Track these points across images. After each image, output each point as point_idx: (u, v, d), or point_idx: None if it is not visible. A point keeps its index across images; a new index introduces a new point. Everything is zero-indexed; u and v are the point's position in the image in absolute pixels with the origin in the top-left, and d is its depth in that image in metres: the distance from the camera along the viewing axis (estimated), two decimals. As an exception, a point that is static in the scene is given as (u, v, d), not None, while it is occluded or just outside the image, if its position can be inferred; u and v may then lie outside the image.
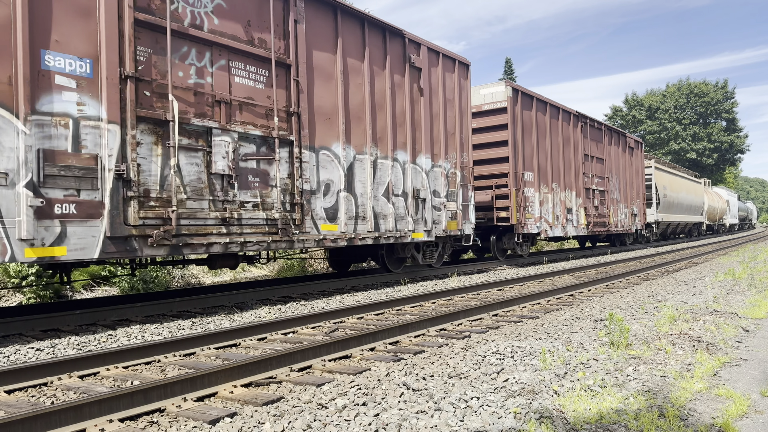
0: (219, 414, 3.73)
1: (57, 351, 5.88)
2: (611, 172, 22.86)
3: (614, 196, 22.97)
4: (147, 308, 7.96)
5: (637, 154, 26.36)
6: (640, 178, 26.51)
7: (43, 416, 3.38)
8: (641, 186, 26.53)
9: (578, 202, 19.70)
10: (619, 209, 23.43)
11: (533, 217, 16.74)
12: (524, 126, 16.74)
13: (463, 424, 3.33)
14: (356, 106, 10.59)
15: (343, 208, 10.07)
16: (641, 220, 26.25)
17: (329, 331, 6.78)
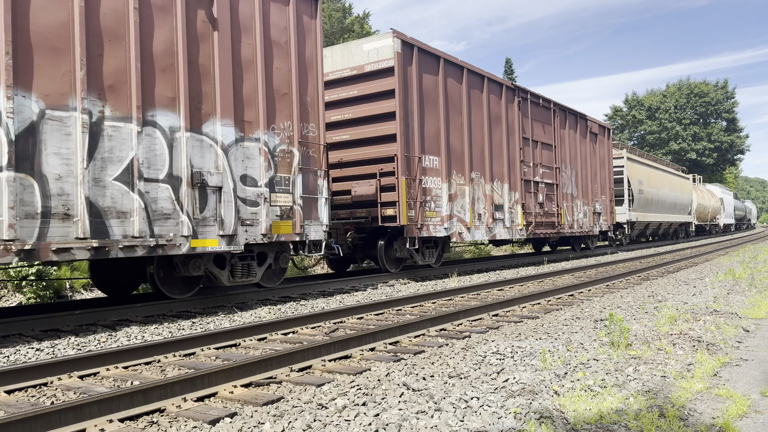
0: (219, 414, 3.73)
1: (57, 351, 5.88)
2: (565, 161, 18.83)
3: (569, 191, 18.93)
4: (147, 308, 7.95)
5: (602, 142, 22.09)
6: (607, 170, 22.39)
7: (43, 416, 3.38)
8: (608, 180, 22.39)
9: (513, 198, 15.62)
10: (575, 207, 19.37)
11: (439, 216, 12.67)
12: (424, 94, 12.53)
13: (463, 424, 3.33)
14: (41, 22, 6.46)
15: (4, 200, 6.08)
16: (608, 220, 22.19)
17: (329, 331, 6.78)
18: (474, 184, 14.06)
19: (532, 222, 16.54)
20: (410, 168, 12.05)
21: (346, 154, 12.88)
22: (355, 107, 12.62)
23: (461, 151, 13.71)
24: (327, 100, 12.32)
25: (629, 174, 25.69)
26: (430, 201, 12.57)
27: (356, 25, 29.37)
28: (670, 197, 31.77)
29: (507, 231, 15.36)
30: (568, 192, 19.03)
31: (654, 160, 33.02)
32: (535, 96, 17.29)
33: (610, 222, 22.32)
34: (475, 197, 14.08)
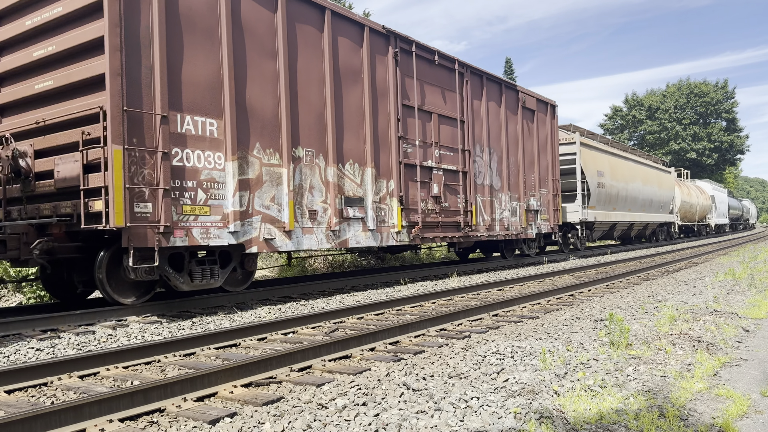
0: (219, 414, 3.73)
1: (57, 351, 5.88)
2: (481, 143, 14.29)
3: (486, 182, 14.41)
4: (147, 308, 7.95)
5: (543, 122, 17.46)
6: (550, 157, 17.82)
7: (43, 416, 3.38)
8: (552, 170, 17.91)
9: (384, 188, 11.22)
10: (498, 203, 14.87)
11: (218, 214, 8.20)
12: (182, 15, 7.96)
13: (463, 424, 3.33)
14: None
15: None
16: (551, 220, 17.71)
17: (329, 331, 6.78)
18: (301, 166, 9.56)
19: (419, 222, 11.90)
20: (139, 133, 7.34)
21: (50, 111, 8.01)
22: (57, 37, 7.95)
23: (273, 113, 9.10)
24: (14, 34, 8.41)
25: (584, 163, 20.60)
26: (196, 189, 7.94)
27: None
28: (645, 193, 27.01)
29: (371, 235, 10.84)
30: (484, 183, 14.34)
31: (623, 148, 27.93)
32: (426, 51, 12.53)
33: (553, 222, 17.80)
34: (303, 186, 9.58)
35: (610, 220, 23.00)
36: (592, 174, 21.15)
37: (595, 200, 21.37)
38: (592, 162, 21.38)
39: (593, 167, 21.38)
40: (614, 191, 23.27)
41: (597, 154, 22.37)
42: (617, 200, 23.68)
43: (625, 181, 24.56)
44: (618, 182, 23.74)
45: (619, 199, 23.86)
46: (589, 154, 21.51)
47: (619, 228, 25.15)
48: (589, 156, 21.40)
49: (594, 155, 21.95)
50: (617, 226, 24.56)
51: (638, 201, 26.18)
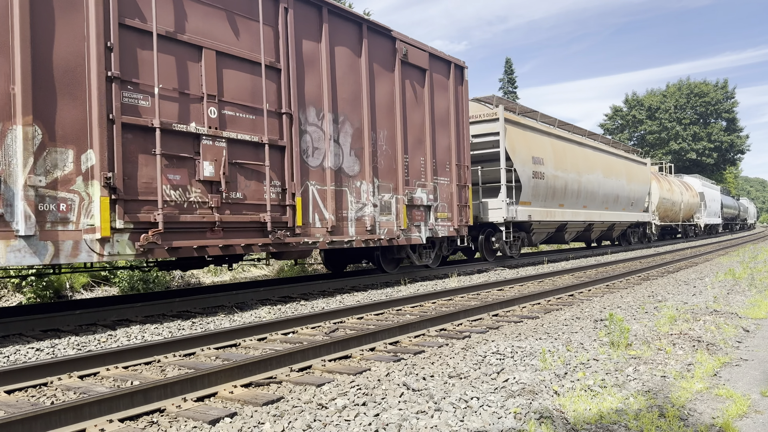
0: (219, 414, 3.73)
1: (57, 351, 5.88)
2: (320, 106, 9.98)
3: (329, 164, 10.05)
4: (147, 308, 7.96)
5: (443, 88, 12.94)
6: (455, 136, 13.30)
7: (43, 416, 3.38)
8: (458, 152, 13.44)
9: (71, 163, 6.67)
10: (354, 193, 10.56)
11: None
12: None
13: (463, 424, 3.33)
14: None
15: None
16: (454, 220, 13.20)
17: (329, 331, 6.78)
18: None
19: (158, 223, 7.35)
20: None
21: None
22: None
23: None
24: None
25: (512, 147, 15.82)
26: None
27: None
28: (607, 187, 22.06)
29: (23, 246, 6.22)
30: (325, 165, 9.92)
31: (577, 131, 21.93)
32: None
33: (459, 221, 13.26)
34: None
35: (554, 220, 18.20)
36: (525, 161, 16.27)
37: (531, 194, 16.56)
38: (524, 145, 16.48)
39: (526, 152, 16.49)
40: (560, 184, 18.31)
41: (533, 137, 17.37)
42: (565, 195, 18.81)
43: (578, 171, 19.53)
44: (566, 172, 18.75)
45: (568, 194, 18.93)
46: (520, 135, 16.53)
47: (572, 229, 20.29)
48: (520, 138, 16.47)
49: (528, 137, 17.01)
50: (568, 227, 19.67)
51: (598, 196, 21.33)
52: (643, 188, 26.73)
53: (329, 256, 13.73)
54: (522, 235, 17.06)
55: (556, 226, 18.93)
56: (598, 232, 23.31)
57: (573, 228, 20.32)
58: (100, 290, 12.06)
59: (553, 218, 18.16)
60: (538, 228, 17.90)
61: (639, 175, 26.14)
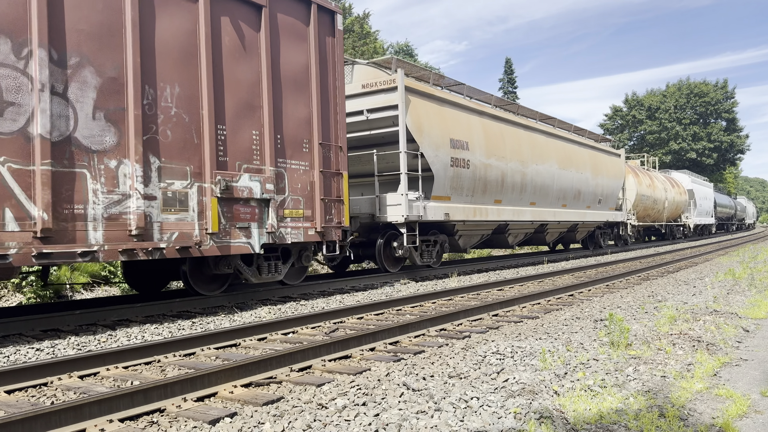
0: (219, 414, 3.73)
1: (57, 351, 5.88)
2: (28, 38, 6.34)
3: (42, 130, 6.35)
4: (147, 308, 7.96)
5: (294, 36, 9.53)
6: (318, 104, 9.87)
7: (43, 416, 3.38)
8: (322, 127, 9.96)
9: None
10: (107, 176, 6.97)
11: None
12: None
13: (463, 424, 3.33)
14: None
15: None
16: (319, 220, 9.70)
17: (329, 331, 6.78)
18: None
19: None
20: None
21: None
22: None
23: None
24: None
25: (417, 125, 12.16)
26: None
27: (356, 25, 29.38)
28: (564, 181, 18.32)
29: None
30: (29, 131, 6.37)
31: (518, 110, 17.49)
32: None
33: (323, 222, 9.74)
34: None
35: (487, 220, 14.47)
36: (438, 144, 12.60)
37: (449, 187, 13.08)
38: (438, 124, 12.74)
39: (441, 133, 12.74)
40: (495, 175, 14.70)
41: (454, 114, 13.44)
42: (504, 189, 15.17)
43: (522, 160, 15.93)
44: (505, 161, 15.10)
45: (507, 188, 15.31)
46: (432, 111, 12.70)
47: (516, 231, 16.64)
48: (433, 114, 12.69)
49: (446, 115, 13.16)
50: (510, 228, 16.09)
51: (551, 191, 17.66)
52: (615, 183, 22.75)
53: (130, 271, 9.86)
54: (442, 239, 13.57)
55: (491, 227, 15.26)
56: (556, 234, 19.47)
57: (517, 229, 16.67)
58: (100, 290, 12.06)
59: (486, 217, 14.33)
60: (465, 230, 14.19)
61: (610, 168, 22.22)
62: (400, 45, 39.76)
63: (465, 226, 14.09)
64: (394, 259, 12.72)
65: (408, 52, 39.33)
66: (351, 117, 12.31)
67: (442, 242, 13.62)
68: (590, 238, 22.94)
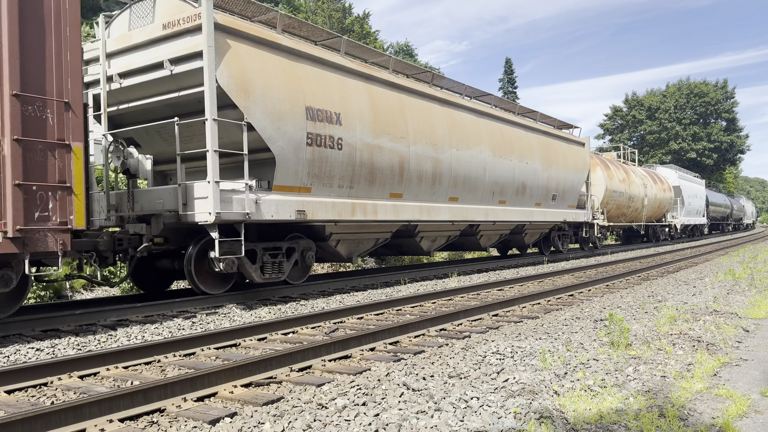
0: (219, 414, 3.73)
1: (57, 351, 5.88)
2: None
3: None
4: (147, 308, 7.95)
5: None
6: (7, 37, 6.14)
7: (43, 416, 3.38)
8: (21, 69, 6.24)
9: None
10: None
11: None
12: None
13: (463, 424, 3.33)
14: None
15: None
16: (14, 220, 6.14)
17: (329, 331, 6.78)
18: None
19: None
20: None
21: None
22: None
23: None
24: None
25: (241, 83, 8.57)
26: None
27: (356, 25, 29.37)
28: (500, 171, 14.67)
29: None
30: None
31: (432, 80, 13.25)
32: None
33: (27, 224, 6.29)
34: None
35: (377, 220, 10.89)
36: (283, 112, 9.01)
37: (308, 174, 9.49)
38: (284, 85, 9.10)
39: (290, 98, 9.12)
40: (388, 161, 11.00)
41: (314, 74, 9.70)
42: (404, 179, 11.50)
43: (434, 143, 12.21)
44: (405, 143, 11.39)
45: (409, 178, 11.61)
46: (273, 65, 9.08)
47: (431, 233, 13.08)
48: (274, 70, 9.06)
49: (299, 72, 9.43)
50: (421, 230, 12.57)
51: (482, 185, 13.95)
52: (577, 176, 18.87)
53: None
54: (304, 246, 10.06)
55: (389, 228, 11.70)
56: (495, 237, 15.87)
57: (432, 232, 13.10)
58: (100, 290, 12.06)
59: (375, 216, 10.80)
60: (344, 233, 10.73)
61: (569, 159, 18.40)
62: (401, 45, 39.77)
63: (341, 229, 10.59)
64: (217, 276, 9.00)
65: (408, 52, 39.34)
66: (152, 72, 8.74)
67: (304, 250, 10.06)
68: (545, 242, 19.27)
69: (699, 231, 39.08)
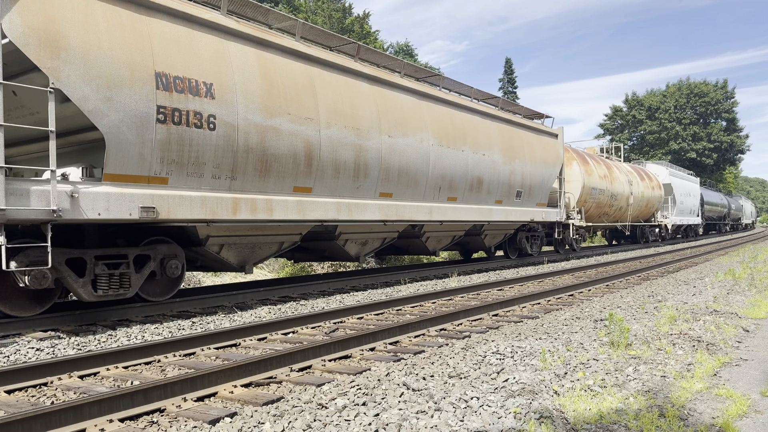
0: (219, 414, 3.73)
1: (57, 351, 5.88)
2: None
3: None
4: (147, 308, 7.95)
5: None
6: None
7: (43, 416, 3.38)
8: None
9: None
10: None
11: None
12: None
13: (463, 424, 3.33)
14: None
15: None
16: None
17: (329, 331, 6.78)
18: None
19: None
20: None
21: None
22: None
23: None
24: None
25: (44, 30, 6.28)
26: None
27: (356, 25, 29.37)
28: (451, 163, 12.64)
29: None
30: None
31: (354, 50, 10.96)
32: None
33: None
34: None
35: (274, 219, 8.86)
36: (118, 78, 6.90)
37: (160, 160, 7.44)
38: (119, 43, 6.97)
39: (129, 59, 7.01)
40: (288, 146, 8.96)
41: (173, 31, 7.64)
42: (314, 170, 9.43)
43: (356, 127, 10.16)
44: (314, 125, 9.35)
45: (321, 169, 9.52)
46: (102, 14, 6.89)
47: (358, 235, 11.01)
48: (104, 21, 6.90)
49: (149, 28, 7.35)
50: (342, 231, 10.54)
51: (424, 178, 11.87)
52: (547, 171, 16.81)
53: None
54: (163, 253, 8.00)
55: (297, 230, 9.50)
56: (446, 239, 13.67)
57: (359, 233, 10.92)
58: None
59: (270, 215, 8.75)
60: (227, 236, 8.62)
61: (537, 151, 16.41)
62: (401, 45, 39.77)
63: (222, 231, 8.48)
64: (25, 293, 7.12)
65: (408, 52, 39.33)
66: None
67: (165, 258, 8.03)
68: (511, 244, 17.10)
69: (693, 232, 37.09)
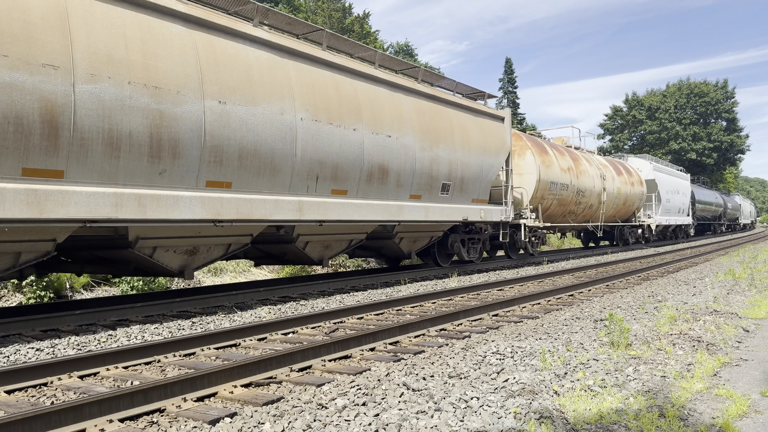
0: (219, 414, 3.73)
1: (57, 351, 5.87)
2: None
3: None
4: (147, 308, 7.95)
5: None
6: None
7: (43, 416, 3.38)
8: None
9: None
10: None
11: None
12: None
13: (463, 424, 3.33)
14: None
15: None
16: None
17: (329, 331, 6.78)
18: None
19: None
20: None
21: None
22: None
23: None
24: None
25: None
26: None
27: (356, 25, 29.36)
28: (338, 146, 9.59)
29: None
30: None
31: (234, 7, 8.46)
32: None
33: None
34: None
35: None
36: None
37: None
38: None
39: None
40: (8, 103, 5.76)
41: None
42: (88, 145, 6.43)
43: (156, 84, 7.06)
44: (65, 78, 6.18)
45: (92, 142, 6.49)
46: None
47: (187, 239, 8.07)
48: None
49: None
50: (142, 235, 7.48)
51: (292, 162, 8.86)
52: (487, 161, 13.96)
53: None
54: None
55: (42, 235, 6.60)
56: (337, 244, 10.85)
57: (168, 238, 7.91)
58: (100, 290, 12.06)
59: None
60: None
61: (473, 136, 13.50)
62: (401, 45, 39.75)
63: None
64: None
65: (408, 52, 39.32)
66: None
67: None
68: (441, 249, 14.16)
69: (683, 232, 33.34)
